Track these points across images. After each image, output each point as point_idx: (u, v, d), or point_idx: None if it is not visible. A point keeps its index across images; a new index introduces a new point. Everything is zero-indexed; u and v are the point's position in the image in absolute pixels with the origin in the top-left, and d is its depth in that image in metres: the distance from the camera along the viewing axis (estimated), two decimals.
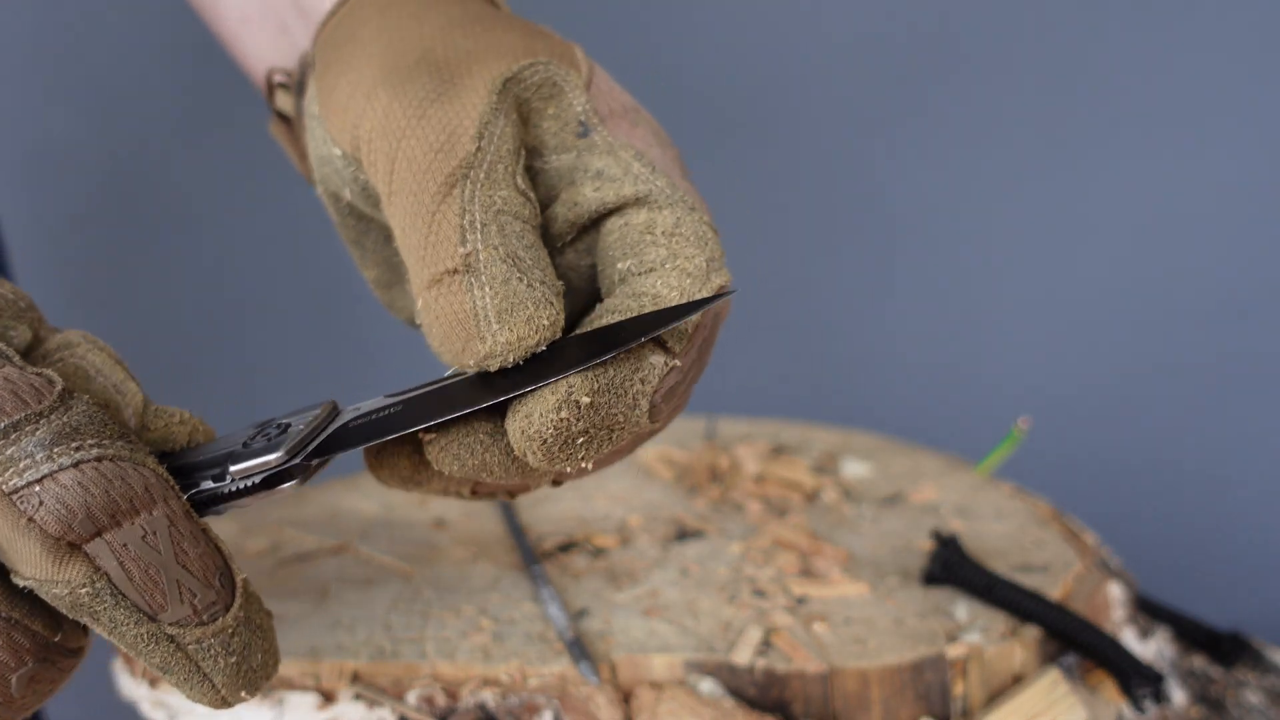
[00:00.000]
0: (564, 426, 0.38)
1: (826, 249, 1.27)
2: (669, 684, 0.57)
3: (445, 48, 0.45)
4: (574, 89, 0.44)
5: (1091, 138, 1.20)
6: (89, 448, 0.37)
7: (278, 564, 0.69)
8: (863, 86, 1.22)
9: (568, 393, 0.38)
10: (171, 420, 0.42)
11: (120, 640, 0.38)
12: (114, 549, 0.36)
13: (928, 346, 1.27)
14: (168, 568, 0.37)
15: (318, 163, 0.48)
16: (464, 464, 0.40)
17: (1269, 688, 0.69)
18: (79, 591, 0.36)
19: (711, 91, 1.23)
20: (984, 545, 0.69)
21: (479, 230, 0.40)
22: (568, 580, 0.66)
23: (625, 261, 0.42)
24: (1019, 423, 0.79)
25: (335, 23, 0.49)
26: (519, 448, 0.38)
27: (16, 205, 1.10)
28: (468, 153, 0.41)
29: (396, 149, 0.42)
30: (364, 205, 0.47)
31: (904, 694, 0.58)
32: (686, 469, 0.80)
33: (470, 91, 0.43)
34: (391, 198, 0.42)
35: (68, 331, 0.43)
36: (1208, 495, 1.23)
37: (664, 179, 0.43)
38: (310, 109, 0.48)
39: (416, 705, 0.56)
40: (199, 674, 0.39)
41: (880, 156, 1.24)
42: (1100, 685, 0.62)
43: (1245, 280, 1.19)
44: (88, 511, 0.36)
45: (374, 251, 0.51)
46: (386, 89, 0.44)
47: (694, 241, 0.41)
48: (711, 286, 0.40)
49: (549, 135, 0.44)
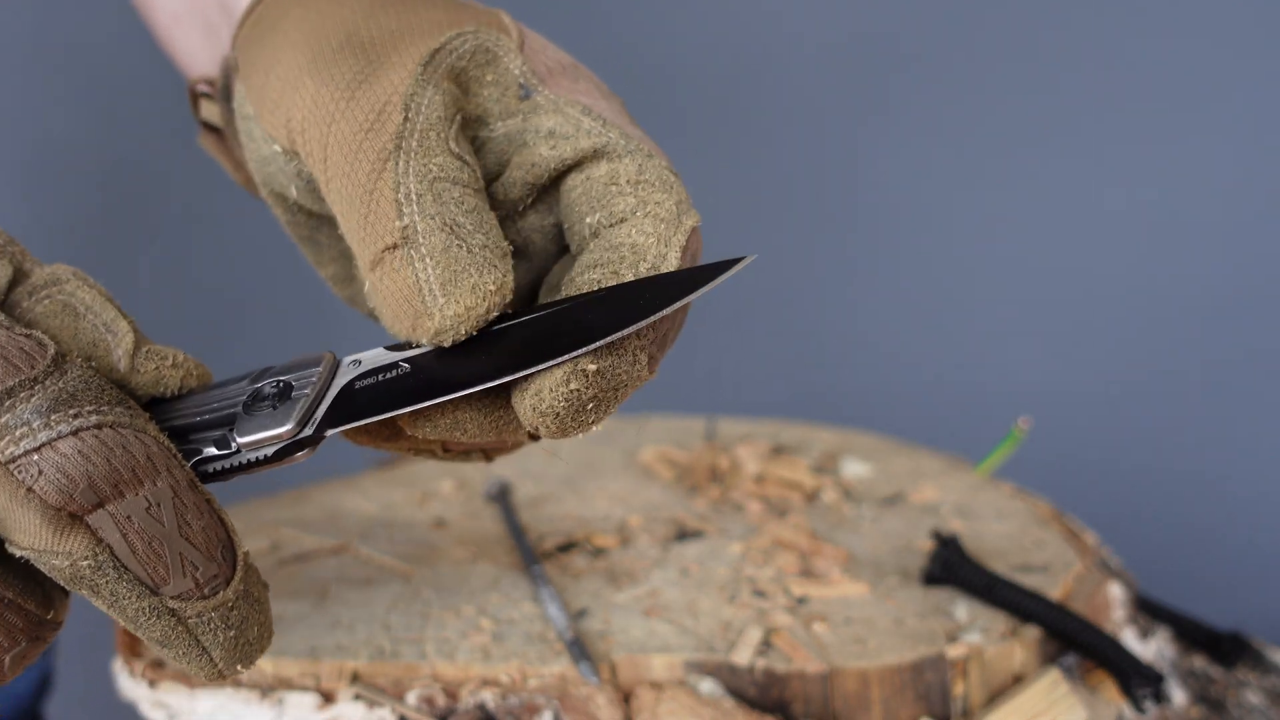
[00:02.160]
0: (574, 398, 0.37)
1: (827, 249, 1.27)
2: (669, 684, 0.57)
3: (370, 28, 0.44)
4: (508, 53, 0.44)
5: (1092, 138, 1.20)
6: (87, 414, 0.36)
7: (278, 564, 0.69)
8: (866, 86, 1.22)
9: (574, 363, 0.37)
10: (164, 363, 0.40)
11: (120, 614, 0.37)
12: (117, 521, 0.35)
13: (928, 347, 1.27)
14: (171, 540, 0.36)
15: (258, 164, 0.47)
16: (437, 425, 0.39)
17: (1269, 688, 0.69)
18: (80, 564, 0.35)
19: (713, 92, 1.23)
20: (984, 545, 0.69)
21: (414, 201, 0.39)
22: (567, 580, 0.66)
23: (594, 215, 0.42)
24: (1019, 423, 0.79)
25: (254, 20, 0.47)
26: (530, 423, 0.38)
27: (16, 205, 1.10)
28: (396, 125, 0.41)
29: (328, 134, 0.42)
30: (310, 200, 0.46)
31: (904, 694, 0.58)
32: (686, 469, 0.80)
33: (397, 68, 0.42)
34: (329, 184, 0.42)
35: (56, 266, 0.41)
36: (1208, 495, 1.23)
37: (616, 130, 0.42)
38: (243, 110, 0.47)
39: (416, 705, 0.56)
40: (198, 647, 0.38)
41: (881, 156, 1.24)
42: (1100, 685, 0.62)
43: (1245, 280, 1.19)
44: (89, 481, 0.35)
45: (329, 248, 0.50)
46: (313, 75, 0.43)
47: (660, 186, 0.41)
48: (685, 229, 0.40)
49: (491, 102, 0.44)
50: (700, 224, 0.41)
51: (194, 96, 0.53)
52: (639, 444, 0.85)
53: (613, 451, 0.85)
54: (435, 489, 0.80)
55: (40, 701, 0.90)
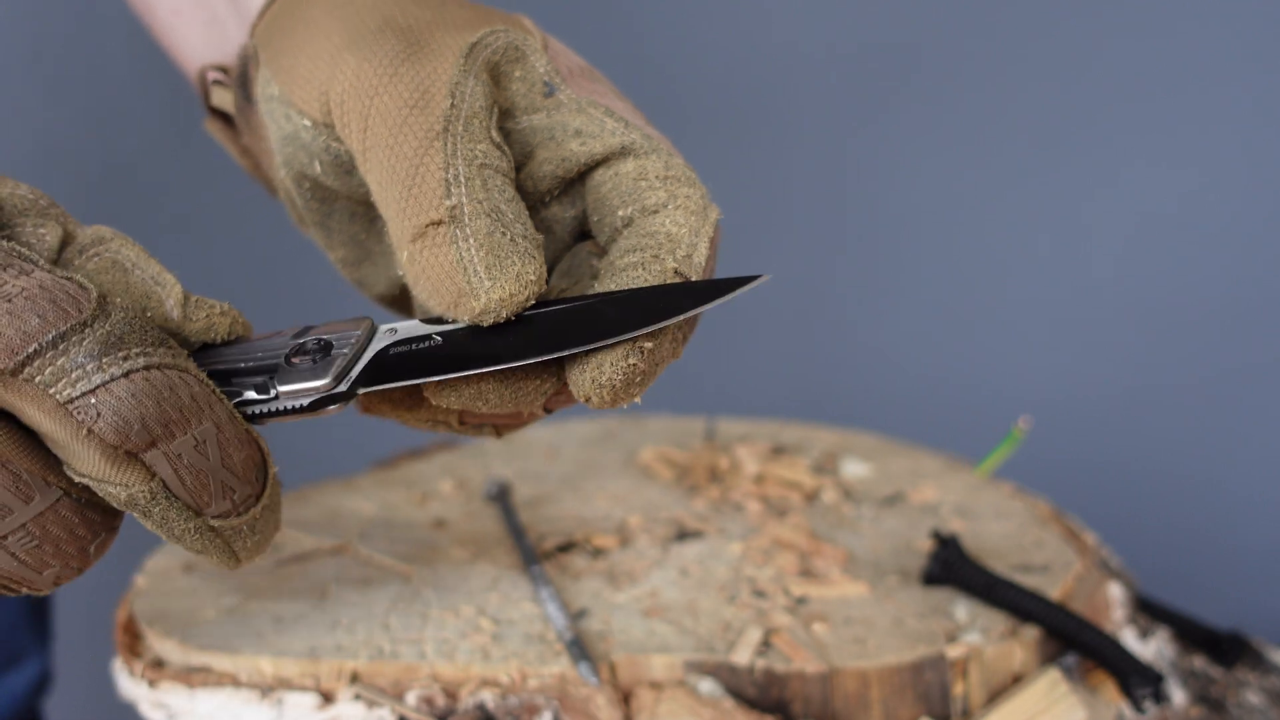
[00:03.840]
0: (633, 372, 0.40)
1: (827, 249, 1.27)
2: (669, 684, 0.57)
3: (406, 16, 0.46)
4: (534, 52, 0.46)
5: (1093, 140, 1.20)
6: (135, 356, 0.38)
7: (278, 564, 0.69)
8: (865, 87, 1.22)
9: (634, 341, 0.40)
10: (213, 311, 0.43)
11: (166, 533, 0.40)
12: (169, 458, 0.38)
13: (928, 347, 1.27)
14: (215, 472, 0.39)
15: (281, 143, 0.48)
16: (460, 394, 0.42)
17: (1269, 688, 0.69)
18: (136, 493, 0.38)
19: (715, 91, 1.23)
20: (984, 545, 0.69)
21: (463, 184, 0.41)
22: (567, 580, 0.66)
23: (627, 208, 0.44)
24: (1019, 423, 0.79)
25: (275, 12, 0.49)
26: (585, 393, 0.41)
27: None
28: (444, 108, 0.43)
29: (370, 106, 0.43)
30: (333, 178, 0.48)
31: (904, 694, 0.58)
32: (686, 469, 0.80)
33: (438, 55, 0.44)
34: (368, 154, 0.43)
35: (97, 227, 0.43)
36: (1208, 495, 1.23)
37: (638, 130, 0.45)
38: (266, 92, 0.48)
39: (416, 706, 0.56)
40: (228, 550, 0.42)
41: (881, 156, 1.24)
42: (1100, 685, 0.62)
43: (1245, 281, 1.19)
44: (143, 423, 0.37)
45: (339, 231, 0.52)
46: (354, 52, 0.44)
47: (686, 181, 0.44)
48: (711, 221, 0.44)
49: (519, 97, 0.46)
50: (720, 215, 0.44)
51: (204, 84, 0.54)
52: (639, 444, 0.85)
53: (612, 452, 0.85)
54: (435, 489, 0.80)
55: (40, 701, 0.90)
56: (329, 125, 0.46)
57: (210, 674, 0.59)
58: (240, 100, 0.52)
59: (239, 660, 0.59)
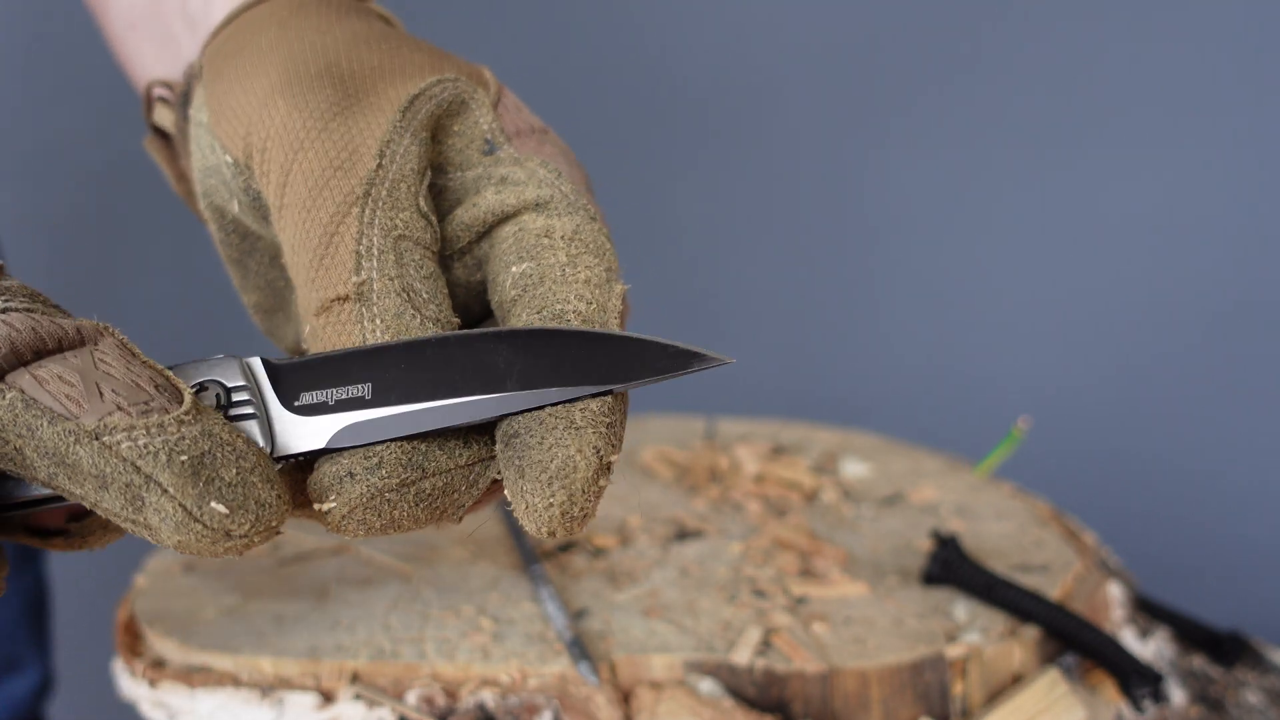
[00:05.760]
0: (600, 493, 0.36)
1: (826, 249, 1.27)
2: (669, 684, 0.57)
3: (351, 61, 0.43)
4: (480, 106, 0.43)
5: (1092, 137, 1.20)
6: (19, 303, 0.35)
7: (278, 564, 0.69)
8: (863, 85, 1.22)
9: (599, 457, 0.35)
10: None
11: (39, 453, 0.33)
12: (35, 377, 0.34)
13: (928, 347, 1.27)
14: (86, 373, 0.34)
15: (202, 174, 0.46)
16: (370, 527, 0.37)
17: (1269, 688, 0.69)
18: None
19: (714, 91, 1.23)
20: (984, 545, 0.70)
21: (375, 257, 0.39)
22: (567, 580, 0.66)
23: (521, 265, 0.40)
24: (1019, 423, 0.79)
25: (229, 33, 0.46)
26: (540, 527, 0.35)
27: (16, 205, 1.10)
28: (368, 170, 0.40)
29: (293, 161, 0.41)
30: (252, 219, 0.45)
31: (904, 694, 0.58)
32: (686, 469, 0.80)
33: (374, 109, 0.41)
34: (283, 211, 0.41)
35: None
36: (1208, 495, 1.23)
37: (569, 185, 0.42)
38: (197, 117, 0.46)
39: (416, 705, 0.56)
40: (142, 477, 0.33)
41: (881, 156, 1.24)
42: (1100, 685, 0.62)
43: (1245, 280, 1.19)
44: (11, 346, 0.34)
45: (257, 274, 0.49)
46: (286, 98, 0.42)
47: (593, 249, 0.40)
48: (616, 295, 0.39)
49: (453, 152, 0.43)
50: (629, 291, 0.40)
51: (148, 100, 0.52)
52: (639, 443, 0.85)
53: None
54: None
55: (41, 702, 0.90)
56: (250, 168, 0.43)
57: (211, 674, 0.59)
58: (181, 120, 0.49)
59: (239, 660, 0.59)
